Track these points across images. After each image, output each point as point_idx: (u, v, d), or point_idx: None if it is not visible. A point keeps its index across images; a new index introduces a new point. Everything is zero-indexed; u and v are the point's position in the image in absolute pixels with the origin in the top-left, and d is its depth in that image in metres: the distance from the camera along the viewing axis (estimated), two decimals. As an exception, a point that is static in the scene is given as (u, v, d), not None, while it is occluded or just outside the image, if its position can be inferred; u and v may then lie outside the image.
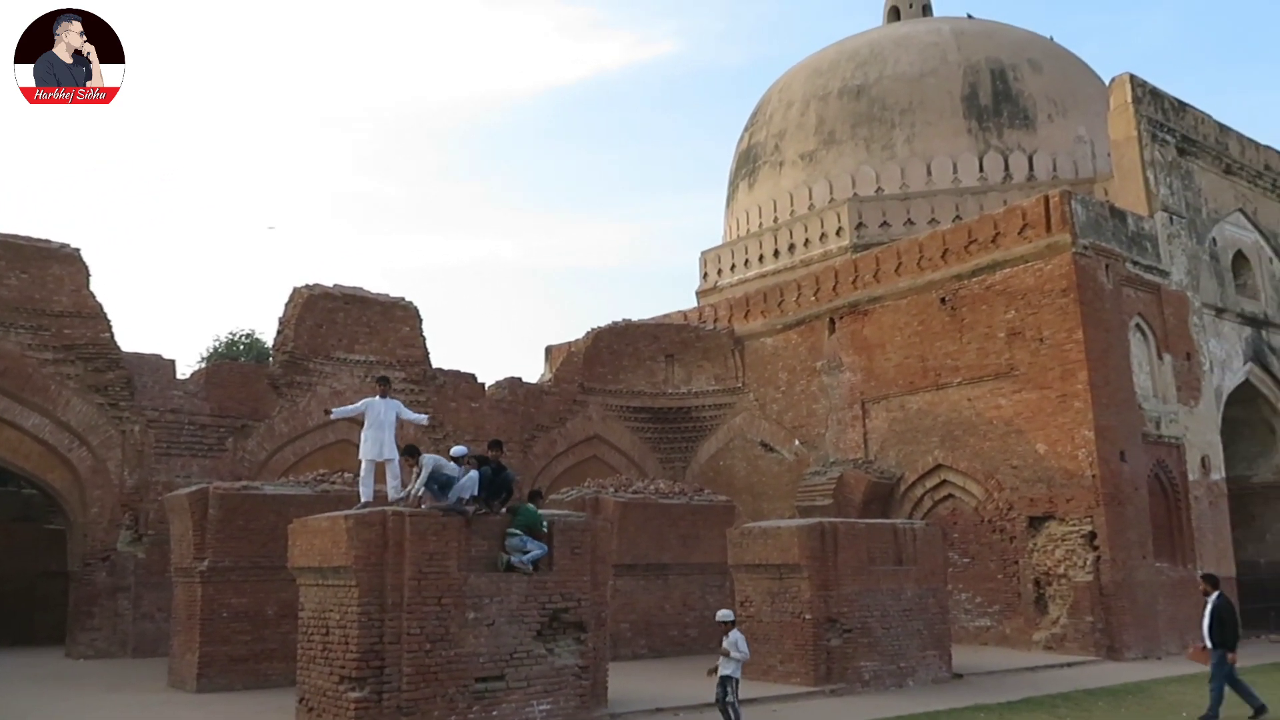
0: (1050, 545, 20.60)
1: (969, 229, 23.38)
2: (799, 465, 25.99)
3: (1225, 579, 22.79)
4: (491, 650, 11.28)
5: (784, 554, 15.37)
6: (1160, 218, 23.64)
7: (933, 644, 16.24)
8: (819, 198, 34.12)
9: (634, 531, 19.16)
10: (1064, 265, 20.99)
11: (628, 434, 27.92)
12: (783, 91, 37.97)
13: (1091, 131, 32.05)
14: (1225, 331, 25.08)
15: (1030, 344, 21.39)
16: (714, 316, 29.79)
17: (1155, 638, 20.38)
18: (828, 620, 15.09)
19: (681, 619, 19.65)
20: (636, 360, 28.47)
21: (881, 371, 24.45)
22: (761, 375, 27.75)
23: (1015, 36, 36.39)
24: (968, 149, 32.93)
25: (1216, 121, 26.48)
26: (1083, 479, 20.17)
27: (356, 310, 23.48)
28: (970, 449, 22.30)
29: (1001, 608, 21.43)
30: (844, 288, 25.80)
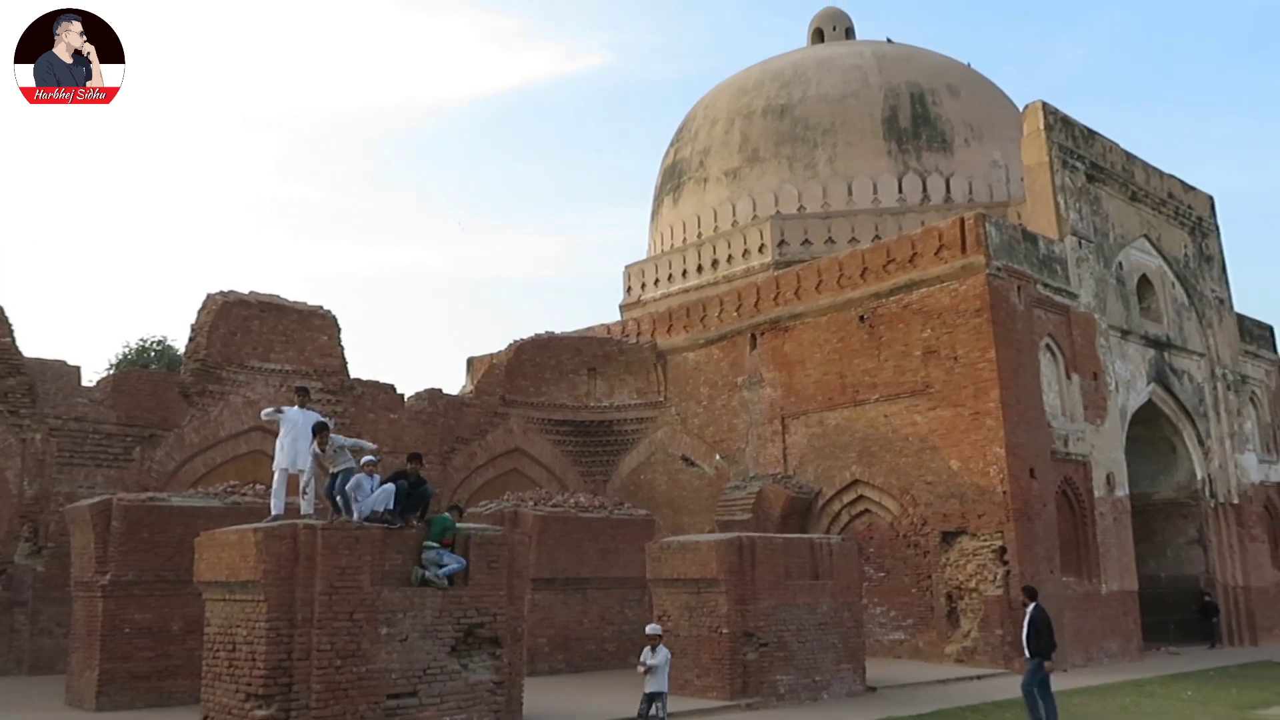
0: (962, 560, 21.02)
1: (888, 249, 23.83)
2: (719, 479, 26.14)
3: (1128, 593, 23.61)
4: (404, 666, 11.09)
5: (702, 568, 15.42)
6: (1070, 241, 24.36)
7: (847, 657, 16.42)
8: (742, 214, 34.46)
9: (553, 545, 19.06)
10: (978, 286, 21.50)
11: (549, 447, 27.78)
12: (708, 108, 38.32)
13: (1006, 156, 32.94)
14: (1130, 353, 25.92)
15: (945, 362, 21.84)
16: (637, 330, 29.86)
17: (1062, 650, 20.63)
18: (745, 634, 15.17)
19: (600, 633, 19.57)
20: (559, 373, 28.36)
21: (801, 387, 24.73)
22: (683, 390, 27.87)
23: (934, 62, 37.27)
24: (888, 170, 33.59)
25: (1124, 150, 27.42)
26: (994, 495, 20.63)
27: (273, 318, 23.00)
28: (886, 465, 22.66)
29: (915, 621, 21.78)
30: (766, 304, 26.08)
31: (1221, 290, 30.35)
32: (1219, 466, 28.03)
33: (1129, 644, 23.28)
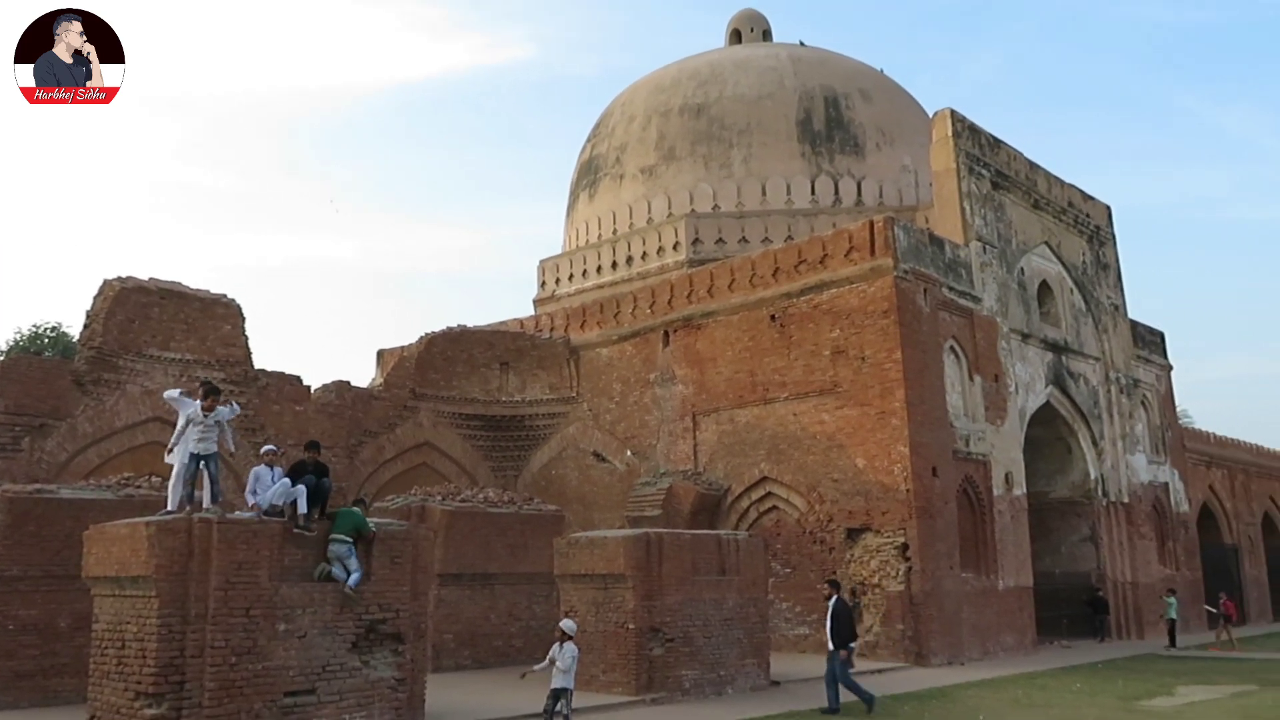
0: (866, 556, 21.41)
1: (799, 249, 24.14)
2: (630, 476, 26.19)
3: (1024, 588, 24.32)
4: (302, 663, 10.87)
5: (609, 564, 15.44)
6: (975, 246, 24.99)
7: (752, 652, 16.59)
8: (657, 212, 34.59)
9: (461, 541, 18.89)
10: (886, 288, 21.92)
11: (459, 441, 27.51)
12: (625, 105, 38.36)
13: (916, 162, 33.65)
14: (1030, 356, 26.71)
15: (853, 362, 22.22)
16: (551, 325, 29.76)
17: (959, 644, 21.44)
18: (651, 630, 15.22)
19: (507, 629, 19.46)
20: (471, 367, 28.10)
21: (713, 385, 24.92)
22: (596, 385, 27.86)
23: (849, 66, 37.89)
24: (801, 172, 34.05)
25: (1027, 159, 28.23)
26: (898, 493, 21.07)
27: (174, 306, 22.31)
28: (795, 462, 22.96)
29: (820, 616, 21.88)
30: (679, 302, 26.21)
31: (1117, 297, 31.47)
32: (1111, 467, 29.05)
33: (1024, 638, 24.00)
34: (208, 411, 11.54)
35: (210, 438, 11.50)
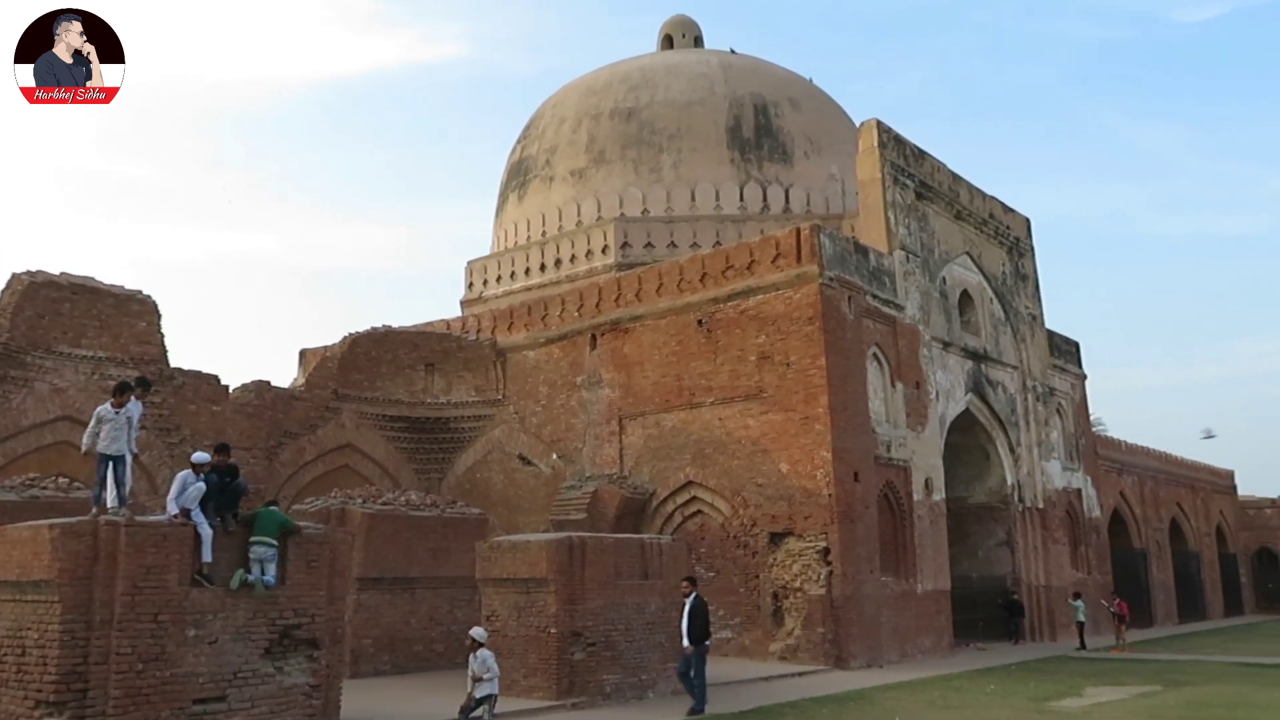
0: (789, 560, 21.61)
1: (727, 255, 24.30)
2: (556, 479, 26.09)
3: (941, 592, 24.77)
4: (213, 670, 10.61)
5: (532, 568, 15.35)
6: (898, 255, 25.41)
7: (674, 656, 16.50)
8: (587, 215, 34.55)
9: (381, 544, 18.61)
10: (811, 295, 22.16)
11: (383, 443, 27.14)
12: (556, 107, 38.28)
13: (843, 171, 34.12)
14: (950, 364, 27.23)
15: (778, 368, 22.42)
16: (477, 327, 29.51)
17: (878, 647, 21.75)
18: (573, 634, 15.15)
19: (428, 634, 19.22)
20: (395, 368, 27.75)
21: (639, 389, 24.95)
22: (522, 388, 27.71)
23: (778, 75, 38.28)
24: (730, 178, 34.29)
25: (950, 170, 28.80)
26: (820, 497, 21.30)
27: (86, 301, 21.66)
28: (720, 467, 23.09)
29: (742, 620, 22.27)
30: (607, 305, 26.20)
31: (1034, 307, 32.25)
32: (1027, 473, 29.75)
33: (941, 640, 24.44)
34: (118, 409, 11.20)
35: (120, 437, 11.15)
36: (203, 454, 11.49)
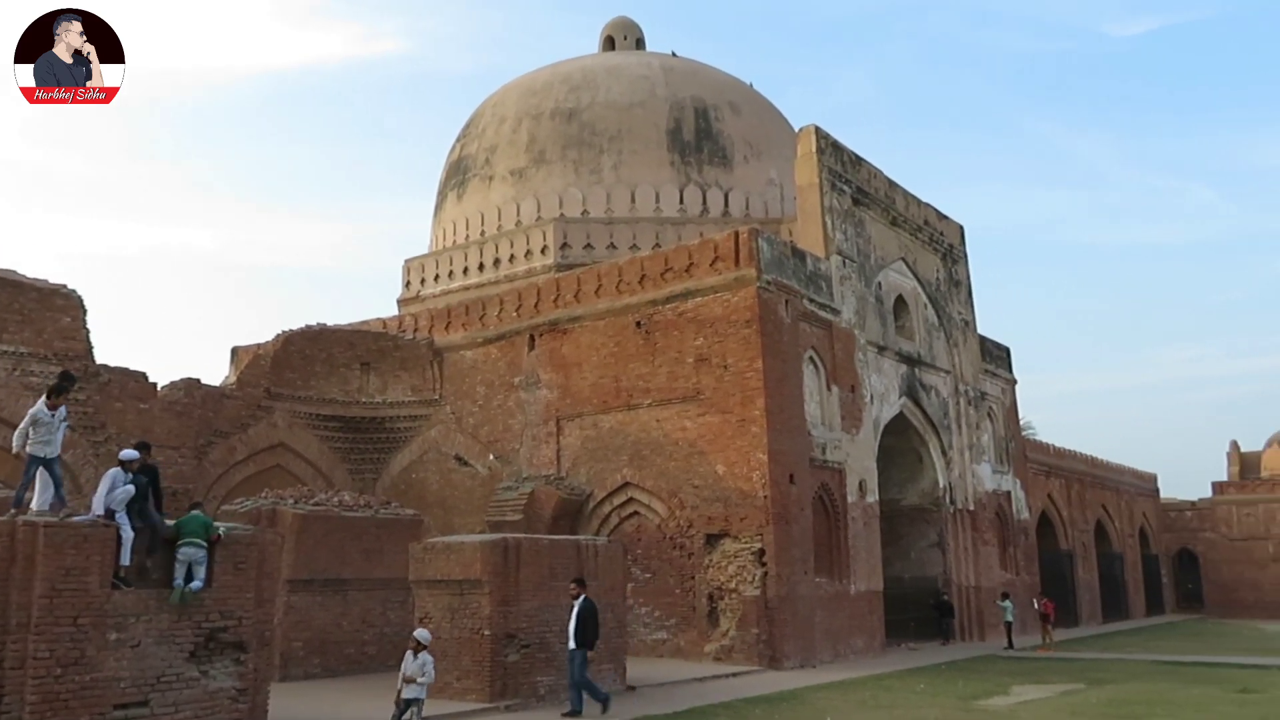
0: (724, 561, 21.72)
1: (666, 257, 24.37)
2: (492, 480, 25.94)
3: (874, 593, 25.07)
4: (135, 674, 10.36)
5: (466, 569, 15.23)
6: (835, 260, 25.68)
7: (609, 658, 16.59)
8: (526, 215, 34.42)
9: (313, 545, 18.34)
10: (749, 298, 22.31)
11: (316, 443, 26.76)
12: (496, 106, 38.08)
13: (782, 175, 34.41)
14: (885, 368, 27.60)
15: (716, 370, 22.53)
16: (414, 326, 29.24)
17: (812, 648, 21.96)
18: (507, 636, 15.07)
19: (360, 636, 18.98)
20: (330, 367, 27.37)
21: (577, 390, 24.90)
22: (460, 388, 27.50)
23: (719, 79, 38.49)
24: (670, 181, 34.40)
25: (887, 177, 29.19)
26: (756, 499, 21.45)
27: (7, 295, 21.02)
28: (657, 468, 23.14)
29: (678, 621, 22.33)
30: (545, 306, 26.12)
31: (967, 313, 32.83)
32: (959, 475, 30.27)
33: (873, 640, 24.75)
34: (53, 410, 10.91)
35: (55, 439, 10.88)
36: (131, 451, 11.22)
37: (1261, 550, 49.22)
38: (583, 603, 14.60)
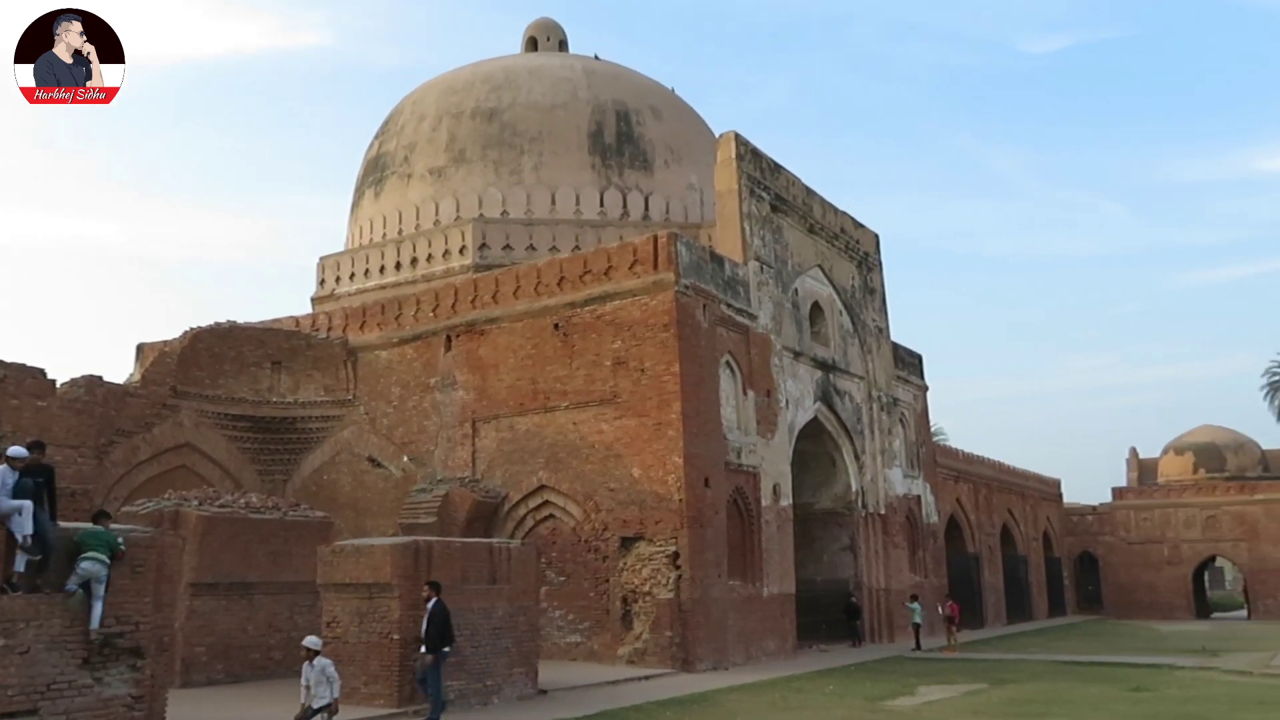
0: (639, 564, 21.77)
1: (585, 260, 24.35)
2: (406, 482, 25.61)
3: (786, 595, 25.36)
4: (23, 681, 9.94)
5: (375, 573, 15.00)
6: (753, 266, 25.93)
7: (520, 661, 16.52)
8: (445, 214, 34.09)
9: (218, 548, 17.88)
10: (667, 302, 22.40)
11: (224, 443, 26.11)
12: (416, 104, 37.66)
13: (702, 181, 34.63)
14: (800, 373, 27.95)
15: (633, 373, 22.57)
16: (328, 325, 28.72)
17: (724, 650, 22.12)
18: (417, 640, 14.87)
19: (266, 641, 18.56)
20: (240, 365, 26.74)
21: (494, 392, 24.73)
22: (374, 389, 27.10)
23: (641, 83, 38.62)
24: (591, 183, 34.40)
25: (805, 185, 29.57)
26: (670, 502, 21.54)
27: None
28: (573, 471, 23.09)
29: (591, 624, 22.31)
30: (463, 306, 25.89)
31: (881, 320, 33.44)
32: (870, 480, 30.80)
33: (785, 643, 25.04)
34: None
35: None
36: (20, 449, 10.76)
37: (1157, 553, 51.02)
38: (434, 605, 14.21)
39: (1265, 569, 48.89)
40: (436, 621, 14.09)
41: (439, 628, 14.08)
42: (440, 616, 14.15)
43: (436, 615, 14.13)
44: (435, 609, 14.16)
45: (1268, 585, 48.81)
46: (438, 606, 14.19)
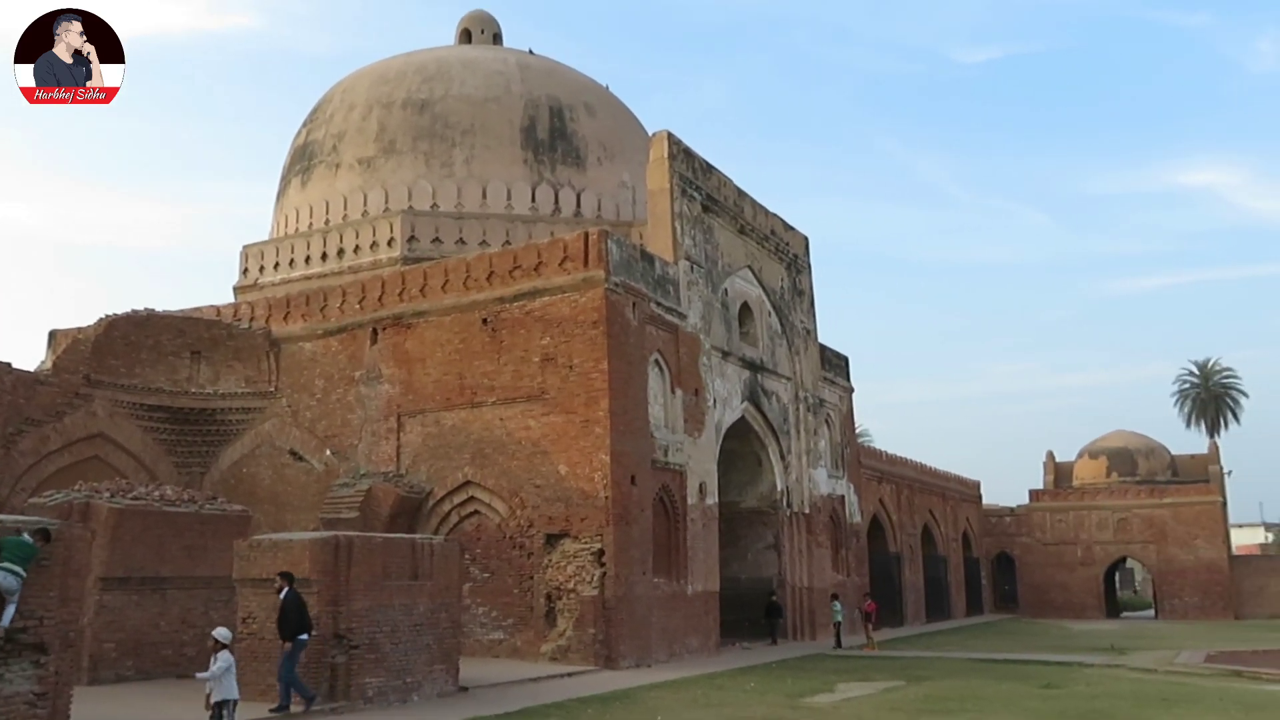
0: (564, 561, 21.70)
1: (515, 255, 24.19)
2: (329, 476, 25.20)
3: (710, 593, 25.51)
4: (-82, 678, 9.59)
5: (294, 568, 14.68)
6: (683, 265, 26.02)
7: (441, 658, 16.36)
8: (374, 205, 33.62)
9: (130, 542, 17.39)
10: (596, 299, 22.37)
11: (139, 434, 25.44)
12: (346, 92, 37.07)
13: (634, 179, 34.66)
14: (728, 373, 28.14)
15: (561, 370, 22.49)
16: (251, 315, 28.12)
17: (648, 647, 22.18)
18: (335, 637, 14.65)
19: (179, 637, 18.08)
20: (157, 354, 26.08)
21: (420, 386, 24.46)
22: (297, 381, 26.62)
23: (575, 79, 38.51)
24: (523, 178, 34.20)
25: (736, 186, 29.76)
26: (596, 500, 21.52)
27: None
28: (499, 467, 22.94)
29: (515, 621, 22.19)
30: (390, 299, 25.55)
31: (809, 322, 33.81)
32: (796, 479, 31.13)
33: (708, 640, 25.18)
34: None
35: None
36: None
37: (1071, 554, 52.43)
38: (285, 595, 14.05)
39: (1172, 570, 50.55)
40: (290, 611, 13.94)
41: (293, 616, 13.93)
42: (293, 605, 13.98)
43: (287, 605, 13.98)
44: (287, 598, 13.99)
45: (1174, 586, 50.49)
46: (290, 596, 14.01)
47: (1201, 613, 48.84)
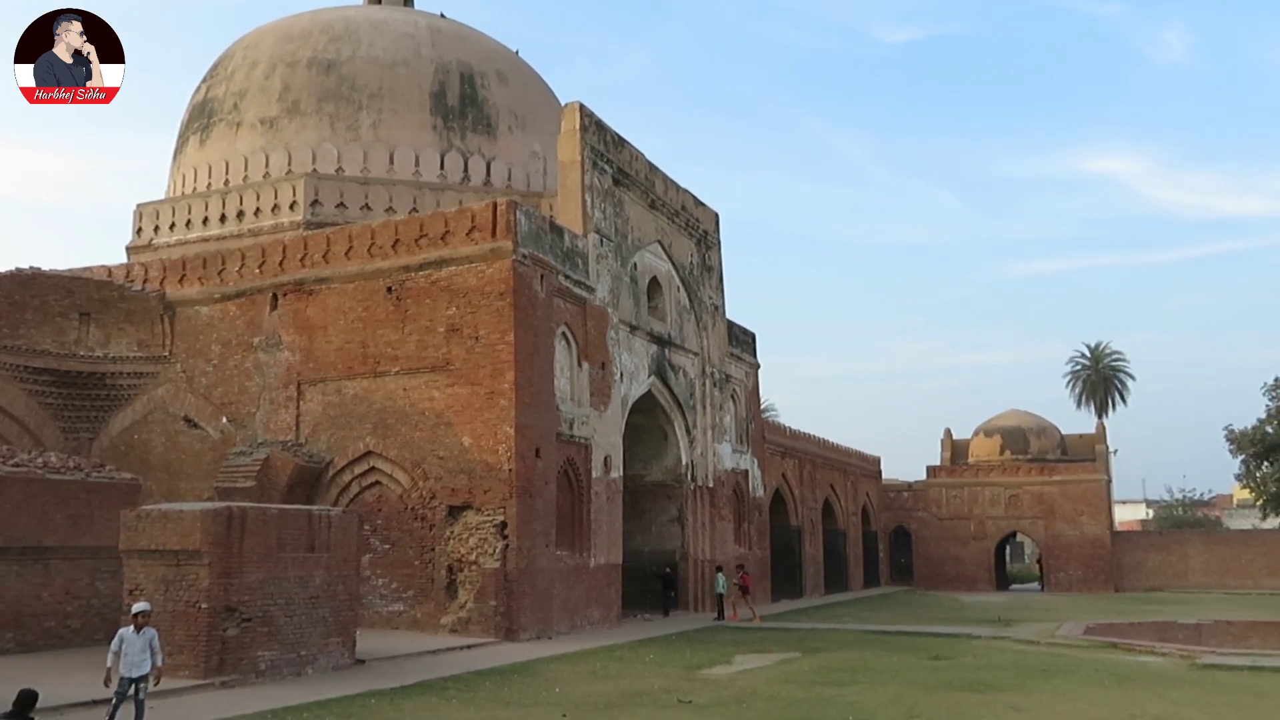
0: (466, 534, 21.58)
1: (421, 223, 23.78)
2: (225, 445, 24.56)
3: (613, 566, 25.68)
4: None
5: (184, 539, 14.36)
6: (592, 238, 25.93)
7: (337, 631, 16.17)
8: (276, 167, 32.72)
9: (10, 510, 16.81)
10: (504, 270, 22.16)
11: (23, 398, 24.44)
12: (249, 49, 35.89)
13: (546, 149, 34.35)
14: (636, 347, 28.20)
15: (467, 341, 22.26)
16: (144, 277, 27.13)
17: (549, 620, 22.23)
18: (226, 609, 14.36)
19: (63, 609, 17.59)
20: (43, 315, 25.04)
21: (322, 354, 23.96)
22: (192, 346, 25.83)
23: (487, 45, 37.92)
24: (431, 145, 33.63)
25: (648, 160, 29.71)
26: (500, 472, 21.41)
27: None
28: (401, 438, 22.65)
29: (415, 593, 22.01)
30: (291, 264, 24.91)
31: (718, 298, 34.05)
32: (701, 454, 31.43)
33: (610, 612, 25.35)
34: None
35: None
36: None
37: (964, 529, 54.06)
38: None
39: (1059, 545, 52.50)
40: None
41: None
42: None
43: None
44: None
45: (1060, 560, 52.45)
46: None
47: (1085, 585, 50.87)
